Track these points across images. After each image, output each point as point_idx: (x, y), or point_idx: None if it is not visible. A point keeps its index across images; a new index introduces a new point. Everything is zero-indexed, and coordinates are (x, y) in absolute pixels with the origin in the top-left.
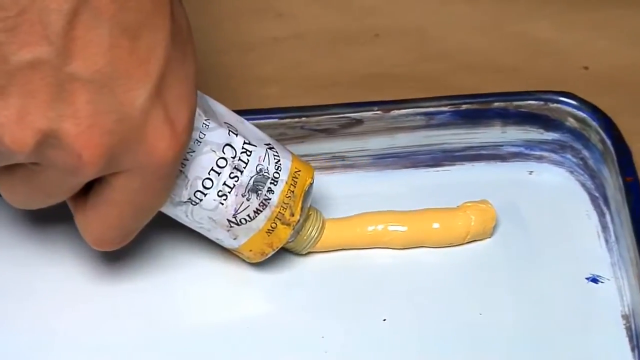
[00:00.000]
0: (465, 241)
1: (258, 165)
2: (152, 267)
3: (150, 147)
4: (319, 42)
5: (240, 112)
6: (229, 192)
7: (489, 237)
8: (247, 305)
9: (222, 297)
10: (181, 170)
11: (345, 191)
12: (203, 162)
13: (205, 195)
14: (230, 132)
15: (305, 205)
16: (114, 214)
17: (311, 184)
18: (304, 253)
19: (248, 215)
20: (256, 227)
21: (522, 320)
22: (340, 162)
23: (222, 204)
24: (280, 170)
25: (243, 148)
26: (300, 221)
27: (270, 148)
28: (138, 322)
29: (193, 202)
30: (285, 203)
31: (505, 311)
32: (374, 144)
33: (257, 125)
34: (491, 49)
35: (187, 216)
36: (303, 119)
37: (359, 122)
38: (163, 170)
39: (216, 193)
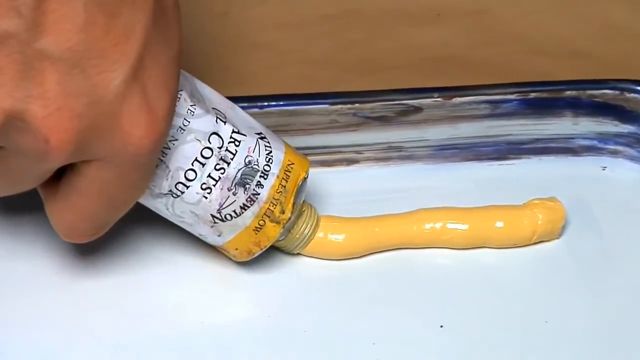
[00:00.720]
0: (532, 242)
1: (247, 156)
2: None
3: (125, 134)
4: (375, 21)
5: (286, 97)
6: (214, 186)
7: (557, 238)
8: (282, 307)
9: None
10: (162, 160)
11: (400, 185)
12: (186, 151)
13: (187, 187)
14: (218, 120)
15: (297, 202)
16: (86, 204)
17: (305, 178)
18: (295, 253)
19: (234, 211)
20: (242, 224)
21: (593, 330)
22: (396, 153)
23: (206, 197)
24: (271, 163)
25: (231, 137)
26: (292, 219)
27: (261, 138)
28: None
29: (174, 195)
30: (275, 199)
31: (573, 320)
32: (433, 134)
33: (305, 112)
34: (564, 32)
35: (167, 209)
36: (356, 105)
37: (418, 109)
38: (139, 160)
39: (199, 186)
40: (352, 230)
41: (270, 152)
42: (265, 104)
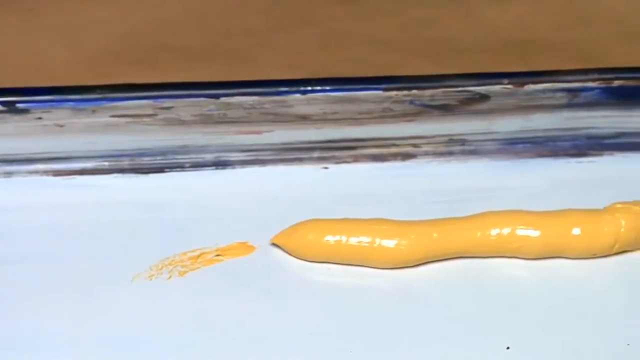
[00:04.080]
0: (613, 252)
1: None
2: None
3: None
4: None
5: (333, 82)
6: None
7: None
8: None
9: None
10: None
11: (464, 184)
12: None
13: None
14: None
15: None
16: None
17: None
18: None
19: None
20: None
21: None
22: (459, 147)
23: None
24: None
25: None
26: None
27: None
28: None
29: None
30: None
31: None
32: (502, 126)
33: (355, 99)
34: None
35: None
36: (413, 91)
37: (485, 97)
38: None
39: None
40: (406, 236)
41: None
42: (309, 88)
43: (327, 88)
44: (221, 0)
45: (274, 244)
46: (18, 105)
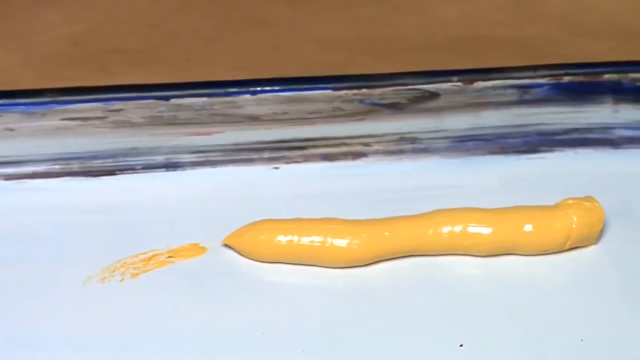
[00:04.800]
0: (565, 248)
1: None
2: None
3: None
4: None
5: (282, 82)
6: None
7: (595, 244)
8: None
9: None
10: None
11: (415, 182)
12: None
13: None
14: None
15: None
16: None
17: None
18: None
19: None
20: None
21: (636, 348)
22: (410, 146)
23: None
24: None
25: None
26: None
27: None
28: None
29: None
30: None
31: (614, 337)
32: (452, 124)
33: (305, 99)
34: (607, 8)
35: None
36: (363, 90)
37: (435, 95)
38: None
39: None
40: (358, 235)
41: None
42: (259, 89)
43: (277, 88)
44: (169, 3)
45: (225, 245)
46: None
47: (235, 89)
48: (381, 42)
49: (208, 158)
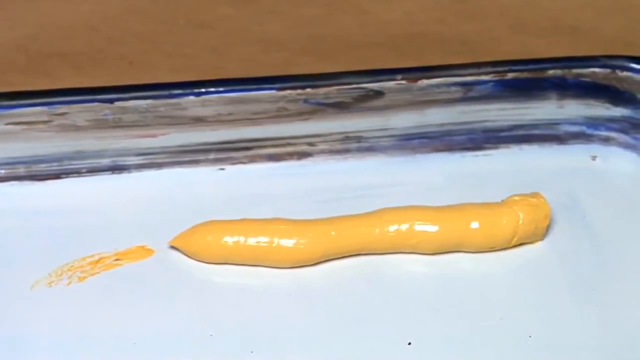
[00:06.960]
0: (512, 244)
1: None
2: None
3: None
4: None
5: (226, 83)
6: None
7: (542, 240)
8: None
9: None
10: None
11: (361, 181)
12: None
13: None
14: None
15: None
16: None
17: None
18: None
19: None
20: None
21: (582, 346)
22: (356, 145)
23: None
24: None
25: None
26: None
27: None
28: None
29: None
30: None
31: (560, 334)
32: (398, 122)
33: (249, 99)
34: (551, 5)
35: None
36: (307, 90)
37: (379, 94)
38: None
39: None
40: (305, 235)
41: None
42: (203, 90)
43: (221, 89)
44: (110, 6)
45: (172, 247)
46: None
47: (179, 91)
48: (322, 41)
49: (154, 160)
